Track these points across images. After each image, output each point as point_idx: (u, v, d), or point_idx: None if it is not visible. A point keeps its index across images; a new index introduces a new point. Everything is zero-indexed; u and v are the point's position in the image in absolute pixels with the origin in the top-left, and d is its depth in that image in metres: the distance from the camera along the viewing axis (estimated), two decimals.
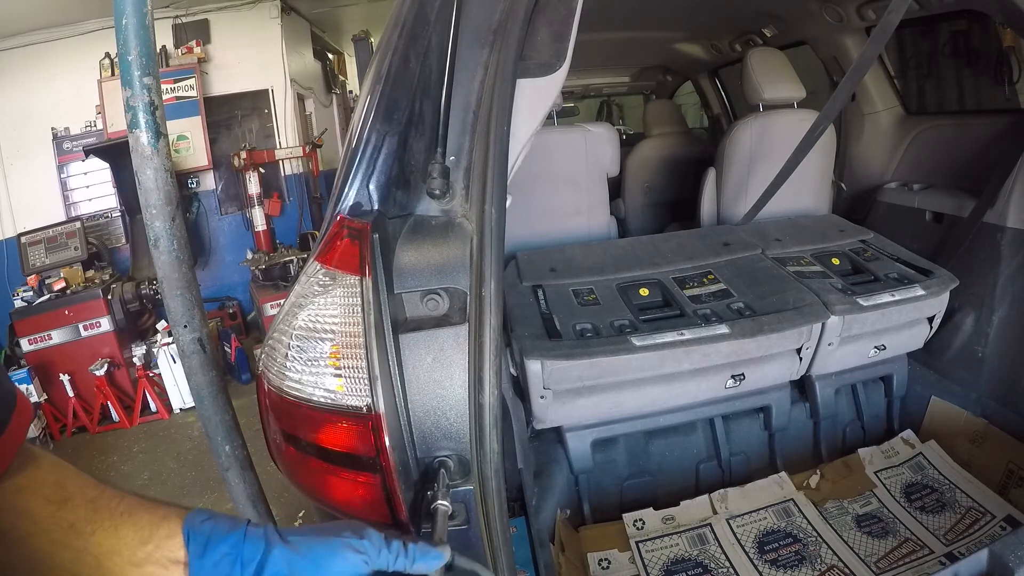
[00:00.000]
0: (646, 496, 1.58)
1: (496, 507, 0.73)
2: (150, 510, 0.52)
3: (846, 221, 1.88)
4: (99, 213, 4.59)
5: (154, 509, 0.52)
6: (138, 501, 0.52)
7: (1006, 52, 1.93)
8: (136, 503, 0.52)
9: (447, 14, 0.77)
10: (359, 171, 0.75)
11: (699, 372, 1.39)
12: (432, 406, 0.72)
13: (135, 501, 0.52)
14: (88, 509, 0.50)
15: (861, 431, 1.73)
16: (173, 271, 1.27)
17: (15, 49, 4.27)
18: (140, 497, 0.53)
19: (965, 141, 1.81)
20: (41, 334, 3.57)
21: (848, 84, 1.36)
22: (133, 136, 1.18)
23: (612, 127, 2.00)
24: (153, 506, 0.52)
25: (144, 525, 0.51)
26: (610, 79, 4.29)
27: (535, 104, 0.84)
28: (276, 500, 2.25)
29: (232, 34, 4.68)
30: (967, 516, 1.37)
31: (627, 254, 1.70)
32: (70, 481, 0.51)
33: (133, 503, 0.52)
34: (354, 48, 3.11)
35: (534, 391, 1.32)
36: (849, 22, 1.96)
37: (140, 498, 0.53)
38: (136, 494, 0.53)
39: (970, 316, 1.60)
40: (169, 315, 1.32)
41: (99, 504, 0.50)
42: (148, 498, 0.53)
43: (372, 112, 0.75)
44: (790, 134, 1.72)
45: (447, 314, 0.73)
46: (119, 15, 1.12)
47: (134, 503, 0.52)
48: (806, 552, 1.35)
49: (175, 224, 1.24)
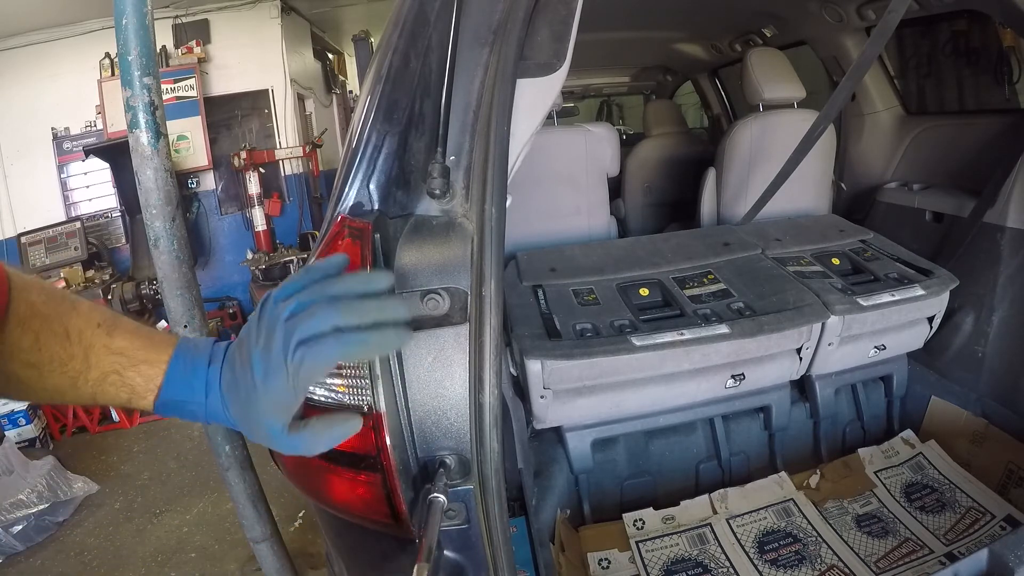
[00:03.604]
0: (646, 496, 1.58)
1: (496, 507, 0.73)
2: (120, 384, 0.53)
3: (846, 221, 1.88)
4: (99, 213, 4.59)
5: (125, 380, 0.54)
6: (108, 372, 0.53)
7: (1006, 52, 1.93)
8: (106, 376, 0.53)
9: (447, 14, 0.77)
10: (359, 171, 0.75)
11: (699, 372, 1.39)
12: (432, 405, 0.72)
13: (106, 371, 0.53)
14: (65, 377, 0.52)
15: (861, 431, 1.73)
16: (173, 271, 1.28)
17: (15, 49, 4.27)
18: (112, 356, 0.54)
19: (965, 141, 1.81)
20: None
21: (848, 84, 1.36)
22: (133, 136, 1.19)
23: (612, 127, 2.00)
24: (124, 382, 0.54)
25: (120, 399, 0.54)
26: (610, 79, 4.29)
27: (535, 104, 0.83)
28: (276, 500, 2.25)
29: (232, 34, 4.68)
30: (967, 516, 1.37)
31: (627, 254, 1.70)
32: (44, 341, 0.51)
33: (104, 372, 0.53)
34: (354, 48, 3.11)
35: (534, 391, 1.32)
36: (849, 22, 1.96)
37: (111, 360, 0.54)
38: (108, 340, 0.54)
39: (970, 316, 1.60)
40: (169, 315, 1.33)
41: (74, 371, 0.52)
42: (121, 353, 0.54)
43: (372, 112, 0.76)
44: (790, 134, 1.72)
45: (448, 314, 0.73)
46: (119, 15, 1.12)
47: (105, 372, 0.53)
48: (806, 552, 1.35)
49: (175, 224, 1.25)
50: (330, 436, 0.54)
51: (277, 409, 0.51)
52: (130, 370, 0.53)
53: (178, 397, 0.54)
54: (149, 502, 2.74)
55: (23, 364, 0.51)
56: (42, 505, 2.54)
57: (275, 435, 0.52)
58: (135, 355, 0.54)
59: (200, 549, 2.38)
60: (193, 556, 2.34)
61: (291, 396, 0.50)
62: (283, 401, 0.50)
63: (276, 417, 0.51)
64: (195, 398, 0.54)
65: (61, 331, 0.52)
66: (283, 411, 0.51)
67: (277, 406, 0.51)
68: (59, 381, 0.52)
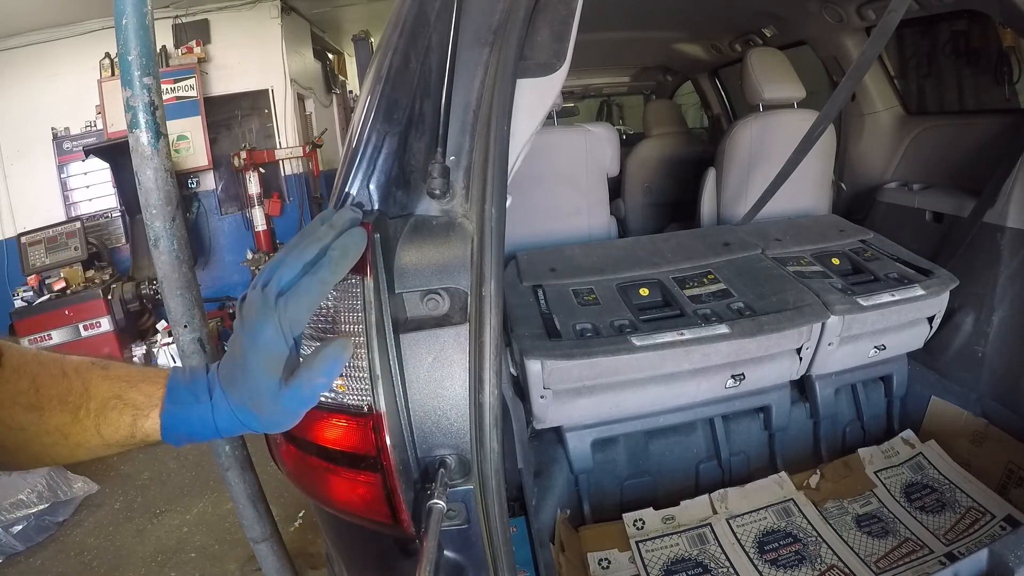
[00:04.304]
0: (646, 496, 1.58)
1: (496, 507, 0.73)
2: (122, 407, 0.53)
3: (846, 221, 1.88)
4: (99, 213, 4.59)
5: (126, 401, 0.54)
6: (109, 398, 0.53)
7: (1006, 52, 1.93)
8: (107, 401, 0.53)
9: (447, 14, 0.77)
10: (359, 171, 0.75)
11: (699, 372, 1.39)
12: (432, 405, 0.72)
13: (106, 397, 0.53)
14: (67, 412, 0.52)
15: (861, 431, 1.73)
16: (173, 271, 1.27)
17: (15, 49, 4.27)
18: (110, 381, 0.54)
19: (965, 141, 1.81)
20: (41, 334, 3.58)
21: (848, 84, 1.36)
22: (133, 136, 1.18)
23: (612, 127, 2.00)
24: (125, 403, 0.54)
25: (125, 424, 0.54)
26: (610, 79, 4.29)
27: (535, 104, 0.83)
28: (276, 500, 2.25)
29: (232, 34, 4.68)
30: (967, 516, 1.37)
31: (627, 254, 1.70)
32: (42, 382, 0.52)
33: (104, 399, 0.53)
34: (354, 48, 3.11)
35: (534, 391, 1.32)
36: (849, 22, 1.96)
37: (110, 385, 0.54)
38: (105, 372, 0.54)
39: (970, 316, 1.60)
40: (169, 315, 1.33)
41: (75, 403, 0.52)
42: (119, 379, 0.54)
43: (372, 112, 0.75)
44: (790, 134, 1.72)
45: (448, 314, 0.73)
46: (119, 15, 1.12)
47: (106, 399, 0.53)
48: (806, 552, 1.35)
49: (175, 224, 1.25)
50: (325, 366, 0.54)
51: (270, 364, 0.51)
52: (131, 391, 0.53)
53: (182, 402, 0.54)
54: (149, 502, 2.74)
55: (24, 408, 0.51)
56: (42, 505, 2.54)
57: (273, 393, 0.52)
58: (134, 378, 0.54)
59: (200, 549, 2.38)
60: (193, 556, 2.34)
61: (281, 343, 0.51)
62: (275, 351, 0.51)
63: (270, 374, 0.51)
64: (200, 399, 0.54)
65: (58, 371, 0.53)
66: (275, 364, 0.52)
67: (270, 359, 0.51)
68: (60, 419, 0.52)
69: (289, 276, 0.53)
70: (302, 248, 0.55)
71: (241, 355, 0.52)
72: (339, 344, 0.54)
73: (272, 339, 0.51)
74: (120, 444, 0.54)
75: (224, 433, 0.54)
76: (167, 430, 0.54)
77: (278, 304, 0.51)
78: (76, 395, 0.52)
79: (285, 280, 0.52)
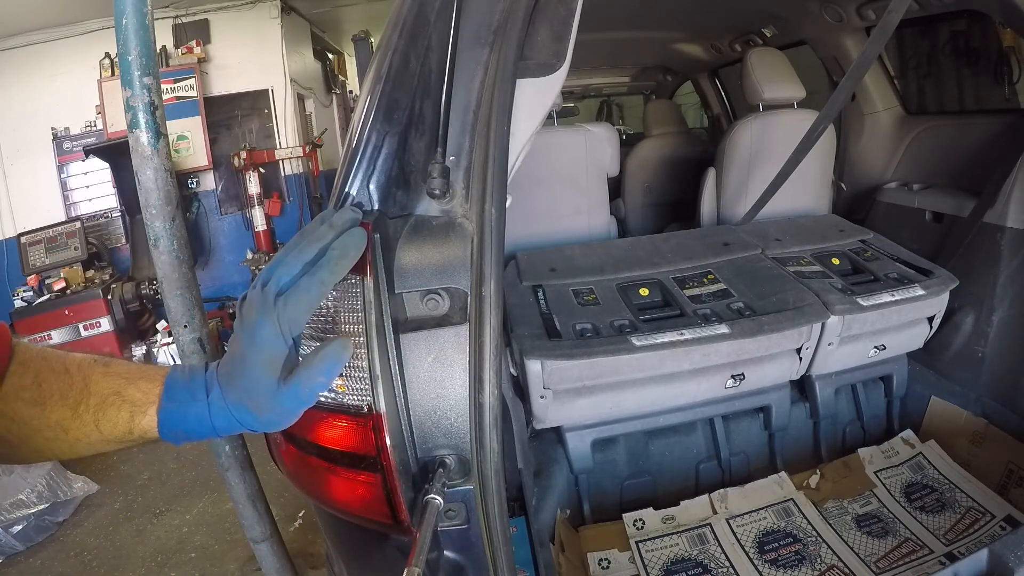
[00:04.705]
0: (646, 496, 1.58)
1: (496, 507, 0.73)
2: (120, 403, 0.54)
3: (846, 221, 1.88)
4: (99, 213, 4.59)
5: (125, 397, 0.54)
6: (108, 395, 0.54)
7: (1006, 52, 1.93)
8: (106, 398, 0.54)
9: (447, 14, 0.77)
10: (359, 171, 0.75)
11: (699, 372, 1.39)
12: (432, 405, 0.72)
13: (105, 393, 0.54)
14: (67, 408, 0.53)
15: (861, 431, 1.73)
16: (173, 271, 1.28)
17: (15, 49, 4.27)
18: (110, 378, 0.55)
19: (965, 141, 1.81)
20: (41, 334, 3.58)
21: (848, 84, 1.36)
22: (133, 136, 1.19)
23: (612, 127, 2.00)
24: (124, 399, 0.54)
25: (123, 420, 0.54)
26: (610, 79, 4.29)
27: (535, 104, 0.83)
28: (276, 500, 2.25)
29: (232, 34, 4.68)
30: (967, 516, 1.37)
31: (627, 254, 1.70)
32: (44, 377, 0.53)
33: (104, 395, 0.54)
34: (354, 48, 3.11)
35: (534, 391, 1.32)
36: (849, 22, 1.96)
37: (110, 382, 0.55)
38: (106, 369, 0.55)
39: (970, 316, 1.60)
40: (169, 315, 1.33)
41: (75, 399, 0.53)
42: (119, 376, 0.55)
43: (372, 112, 0.76)
44: (790, 134, 1.72)
45: (447, 314, 0.73)
46: (119, 15, 1.12)
47: (105, 395, 0.54)
48: (806, 552, 1.35)
49: (175, 224, 1.25)
50: (324, 366, 0.54)
51: (268, 363, 0.52)
52: (130, 388, 0.54)
53: (179, 400, 0.54)
54: (149, 502, 2.74)
55: (26, 402, 0.52)
56: (42, 505, 2.54)
57: (271, 392, 0.52)
58: (133, 375, 0.55)
59: (200, 549, 2.38)
60: (193, 556, 2.34)
61: (280, 343, 0.52)
62: (273, 350, 0.52)
63: (268, 373, 0.52)
64: (197, 397, 0.54)
65: (60, 367, 0.54)
66: (274, 363, 0.52)
67: (268, 358, 0.52)
68: (61, 414, 0.52)
69: (289, 276, 0.53)
70: (302, 248, 0.55)
71: (240, 354, 0.52)
72: (339, 344, 0.54)
73: (271, 338, 0.51)
74: (119, 440, 0.55)
75: (221, 432, 0.55)
76: (164, 427, 0.54)
77: (277, 304, 0.51)
78: (76, 391, 0.53)
79: (285, 280, 0.53)
